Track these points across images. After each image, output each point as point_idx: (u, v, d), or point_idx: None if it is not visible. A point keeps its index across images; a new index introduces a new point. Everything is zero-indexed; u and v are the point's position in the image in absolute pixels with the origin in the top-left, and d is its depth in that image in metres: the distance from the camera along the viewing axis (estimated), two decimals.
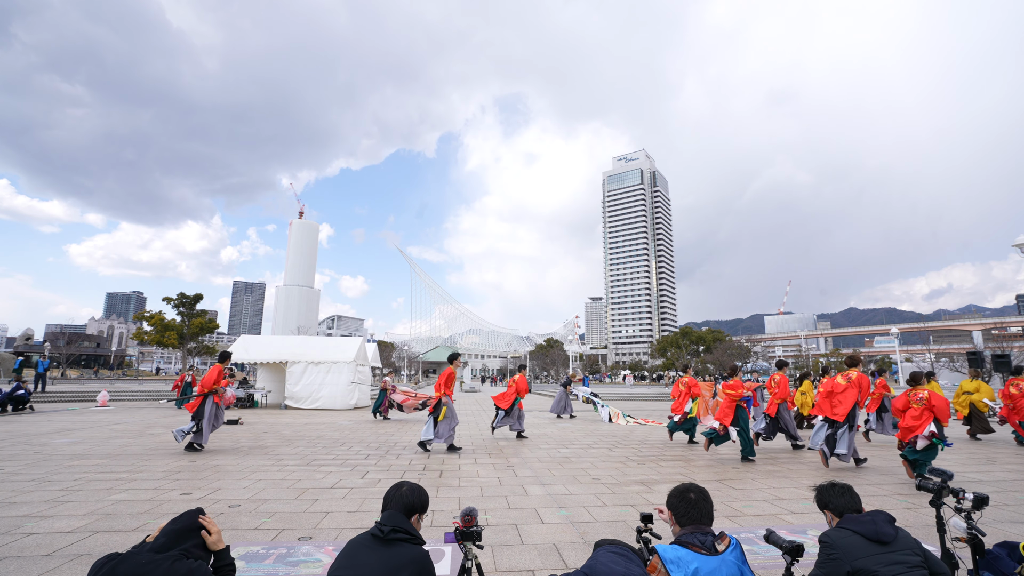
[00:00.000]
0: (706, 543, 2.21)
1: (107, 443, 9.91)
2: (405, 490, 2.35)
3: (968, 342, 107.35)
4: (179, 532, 2.01)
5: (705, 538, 2.24)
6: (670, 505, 2.40)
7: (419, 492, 2.38)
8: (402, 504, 2.29)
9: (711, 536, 2.25)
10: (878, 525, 2.36)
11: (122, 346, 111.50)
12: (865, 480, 7.09)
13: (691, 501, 2.33)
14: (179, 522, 2.05)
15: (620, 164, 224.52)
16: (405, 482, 2.43)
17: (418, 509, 2.34)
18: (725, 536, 2.27)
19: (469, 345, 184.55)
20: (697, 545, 2.19)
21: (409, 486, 2.38)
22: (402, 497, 2.32)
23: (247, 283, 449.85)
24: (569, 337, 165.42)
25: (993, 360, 17.25)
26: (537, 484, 6.82)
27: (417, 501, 2.34)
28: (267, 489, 6.29)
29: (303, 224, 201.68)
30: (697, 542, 2.21)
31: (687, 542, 2.23)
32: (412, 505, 2.32)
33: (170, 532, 2.00)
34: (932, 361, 61.89)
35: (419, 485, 2.43)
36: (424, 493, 2.41)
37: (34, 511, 5.24)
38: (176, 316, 57.81)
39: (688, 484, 2.42)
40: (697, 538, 2.23)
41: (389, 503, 2.32)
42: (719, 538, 2.25)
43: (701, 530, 2.28)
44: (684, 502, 2.34)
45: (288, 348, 20.69)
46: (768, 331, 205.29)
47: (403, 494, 2.33)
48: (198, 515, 2.12)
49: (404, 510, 2.28)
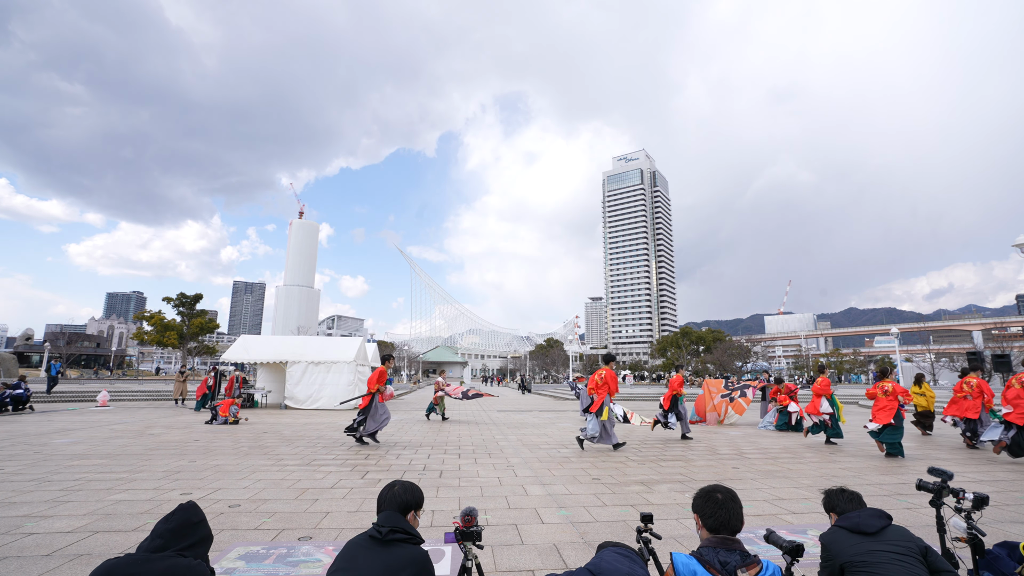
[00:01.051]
0: (728, 566, 1.97)
1: (107, 443, 9.90)
2: (398, 489, 2.34)
3: (968, 342, 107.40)
4: (173, 531, 1.96)
5: (729, 557, 2.01)
6: (695, 507, 2.22)
7: (412, 489, 2.37)
8: (397, 503, 2.28)
9: (737, 555, 2.01)
10: (861, 518, 2.43)
11: (122, 346, 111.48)
12: (866, 481, 7.10)
13: (718, 502, 2.15)
14: (172, 521, 2.00)
15: (620, 164, 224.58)
16: (397, 481, 2.41)
17: (413, 506, 2.34)
18: (756, 563, 1.99)
19: (469, 345, 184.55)
20: (716, 568, 1.97)
21: (402, 484, 2.37)
22: (396, 497, 2.31)
23: (247, 283, 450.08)
24: (569, 337, 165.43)
25: (993, 360, 17.23)
26: (537, 484, 6.82)
27: (412, 499, 2.33)
28: (267, 489, 6.29)
29: (303, 224, 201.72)
30: (717, 563, 1.99)
31: (707, 560, 2.01)
32: (407, 503, 2.31)
33: (164, 532, 1.96)
34: (932, 361, 61.89)
35: (412, 483, 2.42)
36: (418, 490, 2.40)
37: (34, 511, 5.23)
38: (176, 316, 57.85)
39: (715, 485, 2.25)
40: (720, 556, 2.00)
41: (384, 504, 2.31)
42: (747, 563, 1.99)
43: (728, 545, 2.05)
44: (710, 503, 2.16)
45: (288, 348, 20.69)
46: (768, 331, 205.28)
47: (396, 493, 2.32)
48: (190, 510, 2.06)
49: (400, 509, 2.28)
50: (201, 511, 2.13)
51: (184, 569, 1.87)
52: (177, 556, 1.91)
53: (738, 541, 2.10)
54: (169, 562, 1.86)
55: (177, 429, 12.39)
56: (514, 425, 14.74)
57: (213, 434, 11.49)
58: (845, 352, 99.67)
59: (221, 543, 4.35)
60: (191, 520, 2.04)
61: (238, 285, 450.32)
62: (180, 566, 1.87)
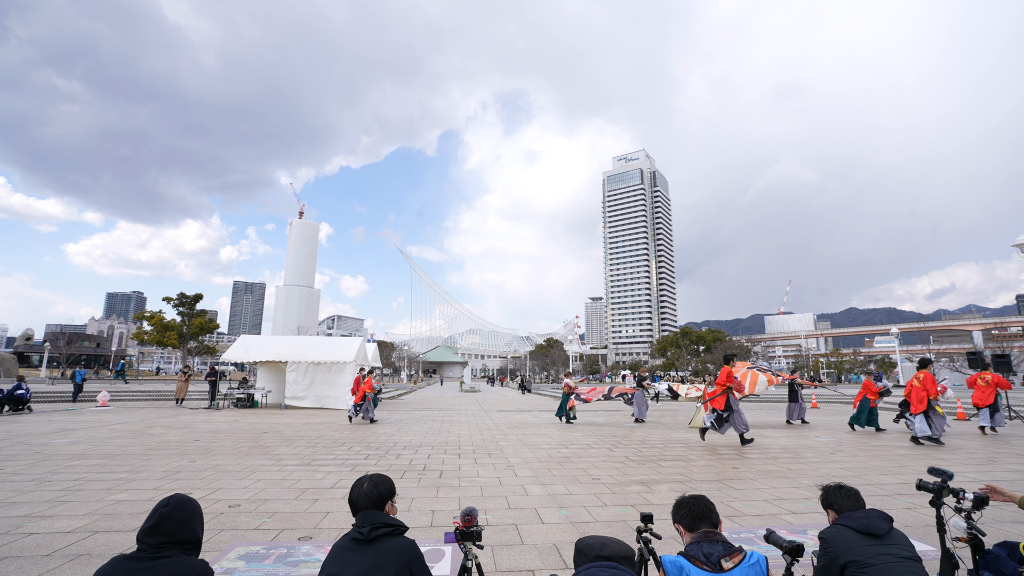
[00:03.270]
0: (712, 557, 2.07)
1: (107, 443, 9.90)
2: (367, 487, 2.29)
3: (968, 342, 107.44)
4: (150, 529, 1.92)
5: (713, 549, 2.10)
6: (674, 518, 2.37)
7: (381, 482, 2.33)
8: (370, 500, 2.25)
9: (720, 546, 2.11)
10: (870, 520, 2.43)
11: (122, 346, 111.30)
12: (866, 480, 7.10)
13: (688, 500, 2.34)
14: (152, 519, 1.96)
15: (620, 164, 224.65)
16: (364, 477, 2.35)
17: (387, 497, 2.31)
18: (739, 552, 2.10)
19: (469, 345, 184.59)
20: (701, 560, 2.07)
21: (370, 480, 2.33)
22: (367, 494, 2.27)
23: (247, 283, 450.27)
24: (569, 337, 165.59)
25: (993, 360, 17.22)
26: (537, 484, 6.82)
27: (384, 491, 2.30)
28: (267, 489, 6.29)
29: (303, 224, 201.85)
30: (702, 555, 2.09)
31: (691, 555, 2.11)
32: (381, 496, 2.28)
33: (146, 530, 1.93)
34: (932, 361, 61.83)
35: (378, 474, 2.38)
36: (386, 479, 2.36)
37: (34, 511, 5.24)
38: (176, 316, 57.81)
39: (681, 495, 2.45)
40: (703, 550, 2.11)
41: (358, 504, 2.26)
42: (730, 553, 2.09)
43: (710, 538, 2.17)
44: (682, 506, 2.34)
45: (288, 348, 20.68)
46: (768, 331, 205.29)
47: (366, 491, 2.27)
48: (169, 507, 1.99)
49: (375, 505, 2.25)
50: (189, 504, 2.04)
51: (188, 568, 1.86)
52: (164, 556, 1.87)
53: (720, 534, 2.22)
54: (172, 561, 1.85)
55: (177, 429, 12.39)
56: (514, 425, 14.73)
57: (213, 434, 11.49)
58: (845, 352, 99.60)
59: (221, 543, 4.35)
60: (172, 515, 1.97)
61: (238, 285, 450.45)
62: (184, 565, 1.86)
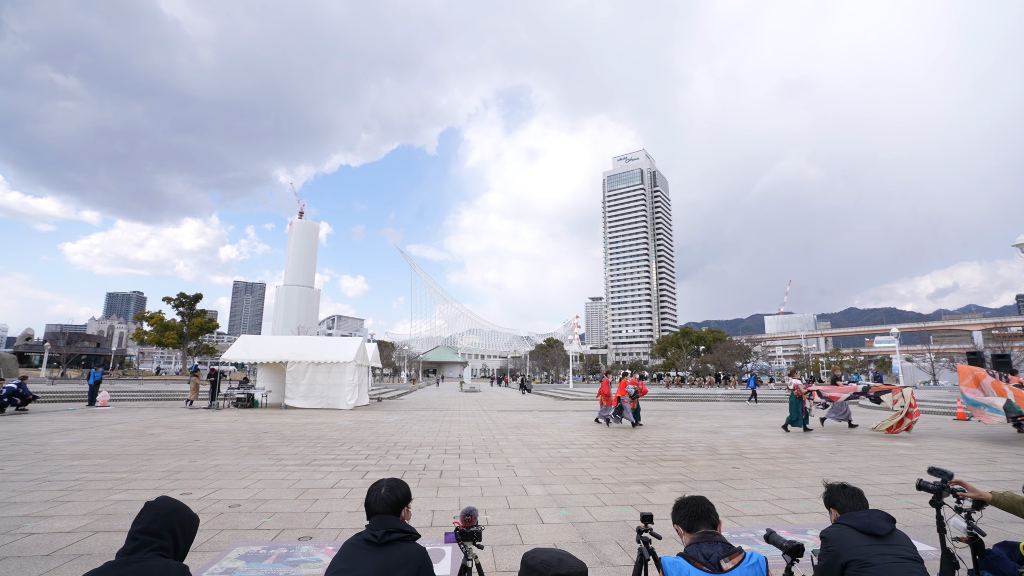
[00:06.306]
0: (711, 558, 2.07)
1: (107, 443, 9.90)
2: (385, 491, 2.31)
3: (968, 342, 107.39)
4: (144, 531, 1.90)
5: (712, 549, 2.10)
6: (673, 519, 2.38)
7: (398, 487, 2.35)
8: (387, 505, 2.27)
9: (719, 547, 2.12)
10: (872, 520, 2.43)
11: (122, 346, 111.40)
12: (866, 480, 7.10)
13: (687, 501, 2.35)
14: (141, 522, 1.93)
15: (620, 164, 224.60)
16: (381, 482, 2.38)
17: (404, 503, 2.32)
18: (738, 553, 2.11)
19: (469, 345, 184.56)
20: (700, 561, 2.07)
21: (387, 485, 2.35)
22: (384, 499, 2.29)
23: (247, 283, 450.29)
24: (569, 337, 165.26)
25: (993, 360, 17.24)
26: (537, 484, 6.82)
27: (400, 496, 2.32)
28: (267, 489, 6.29)
29: (303, 224, 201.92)
30: (701, 556, 2.09)
31: (691, 555, 2.12)
32: (398, 501, 2.30)
33: (135, 533, 1.90)
34: (932, 361, 61.85)
35: (395, 479, 2.41)
36: (404, 484, 2.38)
37: (34, 511, 5.24)
38: (176, 316, 57.85)
39: (681, 496, 2.46)
40: (702, 551, 2.11)
41: (375, 507, 2.28)
42: (729, 553, 2.09)
43: (709, 538, 2.17)
44: (681, 507, 2.35)
45: (288, 348, 20.69)
46: (768, 331, 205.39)
47: (384, 496, 2.30)
48: (159, 508, 1.96)
49: (392, 509, 2.26)
50: (172, 504, 2.01)
51: (162, 570, 1.82)
52: (154, 556, 1.84)
53: (719, 534, 2.22)
54: (146, 564, 1.81)
55: (177, 429, 12.39)
56: (514, 425, 14.74)
57: (213, 434, 11.49)
58: (845, 352, 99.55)
59: (221, 543, 4.35)
60: (162, 515, 1.95)
61: (238, 285, 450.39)
62: (156, 567, 1.82)
